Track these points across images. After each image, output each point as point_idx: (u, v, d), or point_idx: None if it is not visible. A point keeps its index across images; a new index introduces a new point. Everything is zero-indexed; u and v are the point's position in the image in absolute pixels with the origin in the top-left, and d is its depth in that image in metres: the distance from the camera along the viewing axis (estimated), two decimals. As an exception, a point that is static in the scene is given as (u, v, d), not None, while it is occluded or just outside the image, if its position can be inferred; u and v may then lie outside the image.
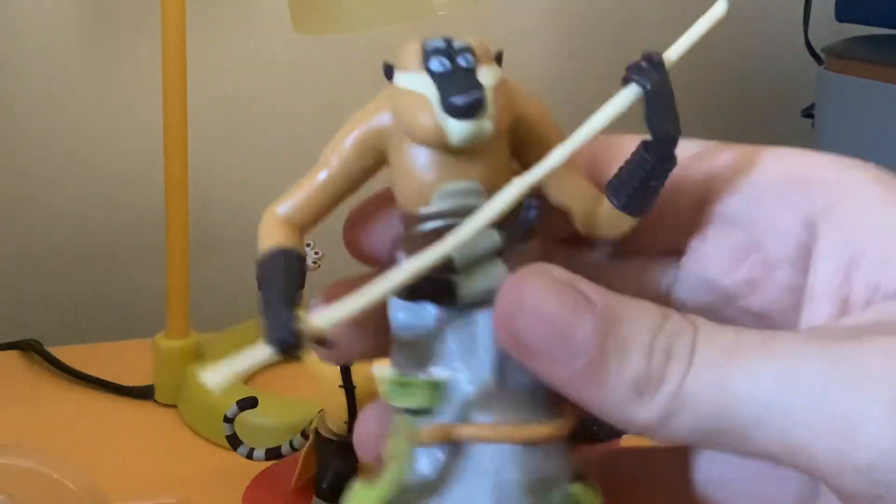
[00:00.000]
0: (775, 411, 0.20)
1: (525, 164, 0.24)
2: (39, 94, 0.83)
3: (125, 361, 0.71)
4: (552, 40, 0.95)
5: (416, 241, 0.23)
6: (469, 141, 0.22)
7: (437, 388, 0.23)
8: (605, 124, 0.23)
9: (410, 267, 0.22)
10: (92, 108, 0.84)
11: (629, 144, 0.24)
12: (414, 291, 0.23)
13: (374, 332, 0.25)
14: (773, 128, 1.05)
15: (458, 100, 0.22)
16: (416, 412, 0.23)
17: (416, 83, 0.23)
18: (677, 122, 0.23)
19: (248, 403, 0.54)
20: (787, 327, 0.24)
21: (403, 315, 0.24)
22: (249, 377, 0.71)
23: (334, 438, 0.51)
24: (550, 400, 0.24)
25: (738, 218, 0.25)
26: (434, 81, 0.23)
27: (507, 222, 0.23)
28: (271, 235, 0.25)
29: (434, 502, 0.23)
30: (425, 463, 0.23)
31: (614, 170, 0.24)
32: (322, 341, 0.23)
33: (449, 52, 0.23)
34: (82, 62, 0.83)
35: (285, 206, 0.25)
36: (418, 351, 0.24)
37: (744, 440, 0.21)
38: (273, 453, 0.55)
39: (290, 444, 0.55)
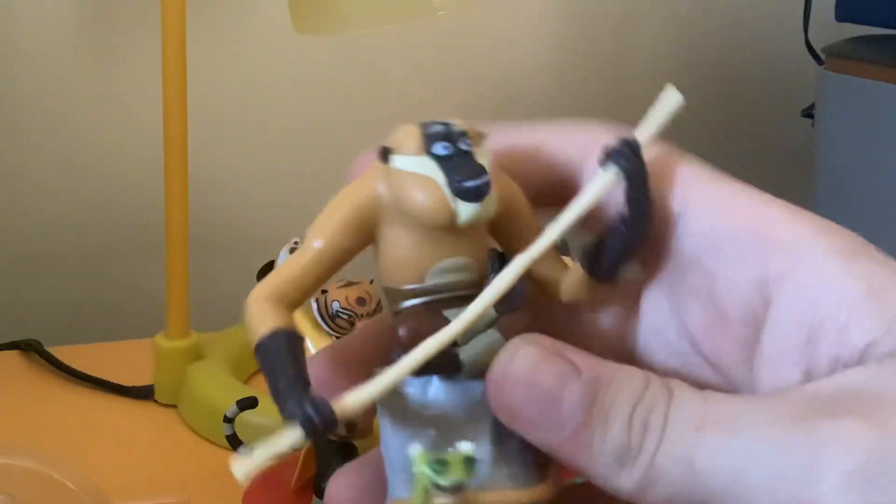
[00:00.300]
0: (738, 488, 0.21)
1: (500, 237, 0.26)
2: (39, 95, 0.83)
3: (125, 361, 0.71)
4: (552, 40, 0.95)
5: (414, 316, 0.25)
6: (476, 221, 0.24)
7: (471, 462, 0.24)
8: (589, 206, 0.25)
9: (426, 348, 0.24)
10: (92, 109, 0.84)
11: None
12: (421, 367, 0.24)
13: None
14: (773, 128, 1.05)
15: (470, 184, 0.23)
16: (450, 488, 0.23)
17: (420, 167, 0.24)
18: (652, 202, 0.25)
19: (248, 403, 0.54)
20: (744, 384, 0.25)
21: (412, 391, 0.25)
22: (249, 377, 0.71)
23: (334, 438, 0.51)
24: (543, 460, 0.25)
25: (694, 262, 0.25)
26: (440, 166, 0.24)
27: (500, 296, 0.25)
28: (265, 319, 0.25)
29: None
30: None
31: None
32: (352, 425, 0.25)
33: (450, 136, 0.24)
34: (82, 63, 0.83)
35: (273, 287, 0.25)
36: (433, 424, 0.25)
37: None
38: (273, 453, 0.55)
39: (291, 444, 0.54)
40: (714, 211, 0.25)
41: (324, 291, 0.50)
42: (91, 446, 0.63)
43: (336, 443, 0.51)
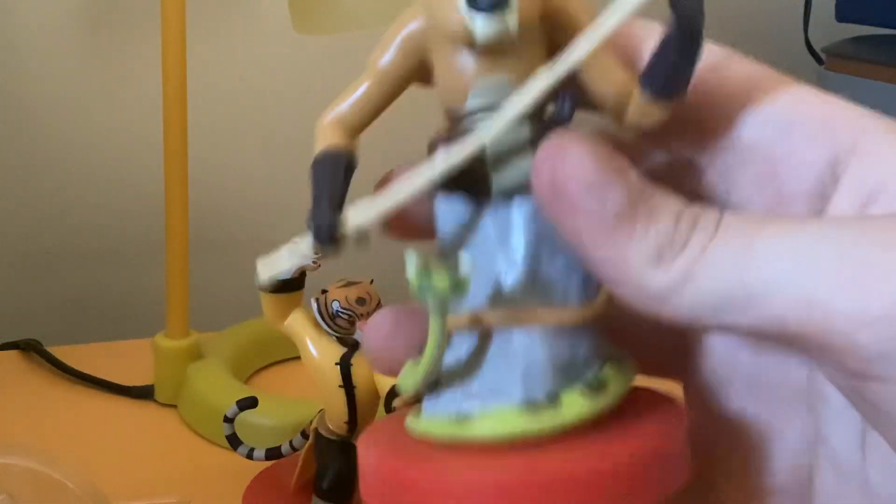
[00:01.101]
0: (799, 269, 0.21)
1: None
2: (40, 95, 0.83)
3: (125, 361, 0.71)
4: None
5: (452, 138, 0.24)
6: (493, 36, 0.23)
7: (456, 279, 0.23)
8: (636, 7, 0.24)
9: (445, 159, 0.23)
10: (92, 109, 0.84)
11: (655, 34, 0.25)
12: (449, 185, 0.24)
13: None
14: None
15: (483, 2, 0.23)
16: (442, 296, 0.23)
17: None
18: (702, 4, 0.24)
19: (248, 403, 0.54)
20: None
21: (441, 211, 0.25)
22: (249, 377, 0.71)
23: (334, 438, 0.51)
24: (581, 285, 0.24)
25: (758, 146, 0.25)
26: None
27: (540, 115, 0.24)
28: (325, 137, 0.26)
29: (465, 386, 0.24)
30: (459, 348, 0.24)
31: (645, 58, 0.24)
32: (363, 237, 0.25)
33: None
34: (82, 63, 0.83)
35: (337, 111, 0.27)
36: (459, 244, 0.25)
37: (756, 306, 0.21)
38: (273, 453, 0.55)
39: (290, 444, 0.55)
40: (782, 101, 0.25)
41: (324, 291, 0.50)
42: (91, 446, 0.63)
43: (336, 443, 0.51)
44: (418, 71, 0.26)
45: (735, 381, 0.25)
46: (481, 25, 0.23)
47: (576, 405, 0.23)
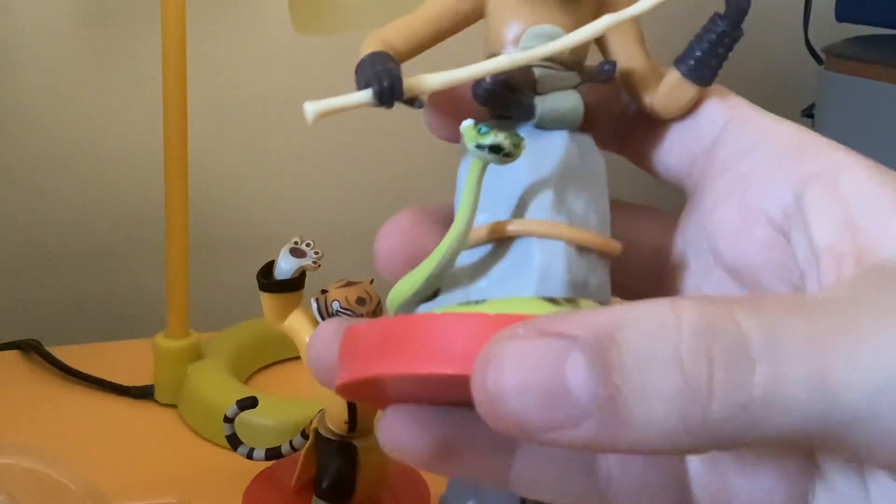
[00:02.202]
0: (887, 397, 0.18)
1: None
2: (39, 95, 0.83)
3: (125, 361, 0.71)
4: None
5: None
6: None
7: (516, 136, 0.24)
8: None
9: (509, 57, 0.25)
10: (92, 109, 0.84)
11: None
12: (498, 106, 0.26)
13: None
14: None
15: None
16: (489, 146, 0.23)
17: None
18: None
19: (248, 403, 0.54)
20: (764, 287, 0.24)
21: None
22: (249, 377, 0.71)
23: (334, 438, 0.51)
24: (600, 220, 0.25)
25: (729, 167, 0.25)
26: None
27: (586, 69, 0.26)
28: (369, 47, 0.26)
29: (474, 284, 0.24)
30: (469, 257, 0.24)
31: None
32: (414, 100, 0.26)
33: None
34: (82, 63, 0.83)
35: (387, 31, 0.27)
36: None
37: (846, 438, 0.18)
38: (273, 453, 0.55)
39: (290, 444, 0.55)
40: (754, 126, 0.25)
41: (324, 291, 0.50)
42: (91, 446, 0.63)
43: (336, 443, 0.51)
44: (470, 15, 0.27)
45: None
46: None
47: (594, 307, 0.23)
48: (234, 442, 0.55)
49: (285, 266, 0.50)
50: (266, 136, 0.89)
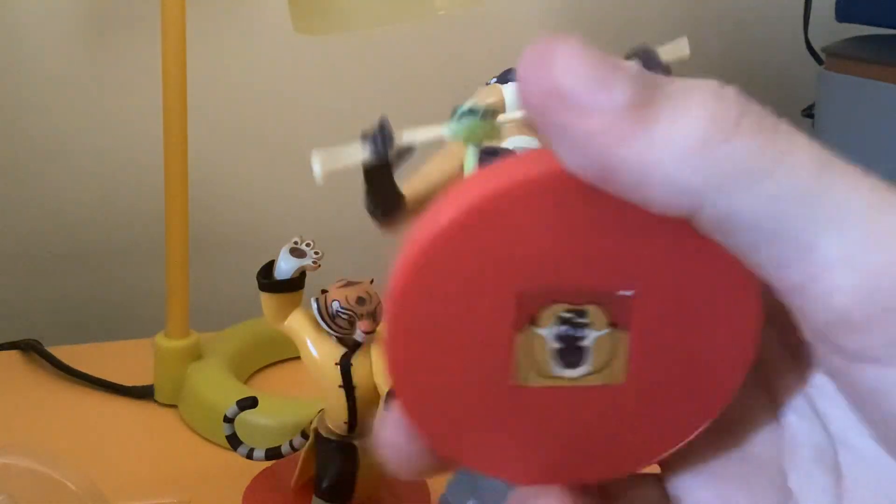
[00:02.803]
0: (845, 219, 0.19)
1: None
2: (39, 95, 0.83)
3: (125, 361, 0.71)
4: (552, 40, 0.95)
5: None
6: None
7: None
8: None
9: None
10: (92, 109, 0.84)
11: None
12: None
13: None
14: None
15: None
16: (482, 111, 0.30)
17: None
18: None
19: (248, 403, 0.54)
20: None
21: None
22: (249, 377, 0.71)
23: (334, 438, 0.51)
24: None
25: None
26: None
27: None
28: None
29: None
30: None
31: None
32: (406, 152, 0.32)
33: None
34: (82, 63, 0.83)
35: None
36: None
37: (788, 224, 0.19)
38: (273, 453, 0.55)
39: (290, 444, 0.55)
40: None
41: (324, 291, 0.50)
42: (91, 446, 0.63)
43: (336, 442, 0.51)
44: None
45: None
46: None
47: None
48: (234, 442, 0.55)
49: (285, 266, 0.50)
50: (266, 135, 0.89)
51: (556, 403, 0.22)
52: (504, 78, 0.37)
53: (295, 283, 0.50)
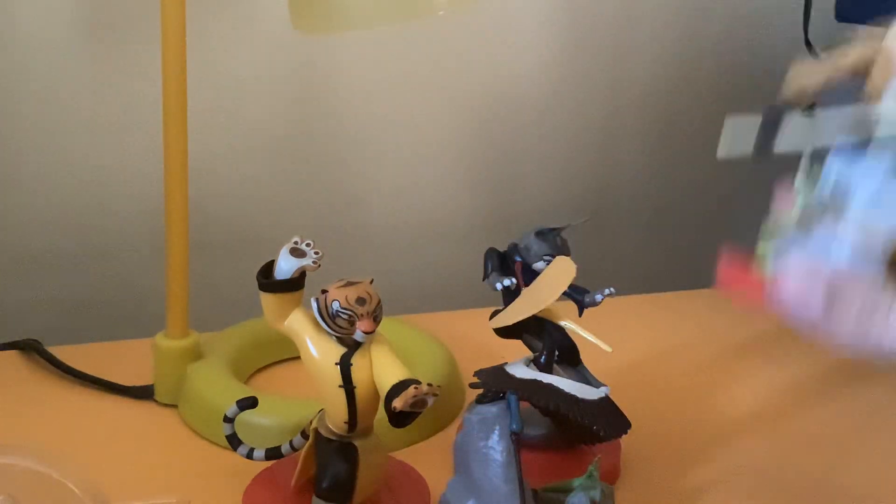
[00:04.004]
0: None
1: None
2: (39, 94, 0.83)
3: (125, 361, 0.71)
4: (551, 40, 0.95)
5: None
6: None
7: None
8: None
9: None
10: (92, 109, 0.84)
11: None
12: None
13: None
14: (773, 128, 1.05)
15: None
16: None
17: None
18: None
19: (248, 403, 0.54)
20: None
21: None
22: (249, 377, 0.71)
23: (334, 438, 0.51)
24: None
25: None
26: None
27: None
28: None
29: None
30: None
31: None
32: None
33: None
34: (82, 62, 0.83)
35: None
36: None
37: None
38: (273, 453, 0.55)
39: (290, 444, 0.55)
40: None
41: (324, 291, 0.50)
42: (91, 446, 0.63)
43: (336, 442, 0.51)
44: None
45: None
46: None
47: None
48: (234, 442, 0.55)
49: (285, 266, 0.50)
50: (266, 136, 0.89)
51: None
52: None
53: (295, 283, 0.50)
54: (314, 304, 0.50)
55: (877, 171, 0.41)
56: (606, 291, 0.56)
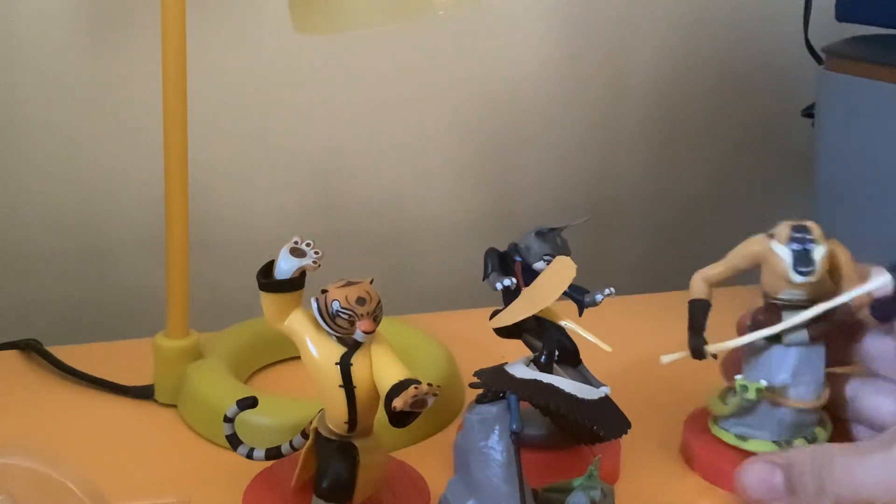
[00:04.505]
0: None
1: (833, 279, 0.55)
2: (38, 95, 0.83)
3: (125, 361, 0.71)
4: (552, 40, 0.95)
5: (772, 310, 0.55)
6: (804, 284, 0.54)
7: (760, 389, 0.56)
8: (862, 293, 0.53)
9: (780, 326, 0.55)
10: (91, 108, 0.84)
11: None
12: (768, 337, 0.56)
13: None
14: (773, 128, 1.05)
15: (801, 271, 0.53)
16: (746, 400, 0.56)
17: (782, 252, 0.54)
18: None
19: (248, 403, 0.54)
20: None
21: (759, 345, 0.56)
22: (249, 377, 0.71)
23: (334, 438, 0.51)
24: (815, 391, 0.56)
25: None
26: (791, 255, 0.53)
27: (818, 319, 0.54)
28: (699, 290, 0.57)
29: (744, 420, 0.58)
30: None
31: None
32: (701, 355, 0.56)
33: (803, 239, 0.53)
34: (82, 62, 0.83)
35: (705, 274, 0.57)
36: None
37: None
38: (273, 453, 0.55)
39: (290, 444, 0.55)
40: None
41: (324, 291, 0.50)
42: (91, 446, 0.63)
43: (336, 442, 0.51)
44: (750, 268, 0.55)
45: None
46: (797, 279, 0.53)
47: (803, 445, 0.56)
48: (234, 442, 0.55)
49: (285, 266, 0.50)
50: (266, 135, 0.89)
51: None
52: None
53: (295, 283, 0.50)
54: (314, 304, 0.50)
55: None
56: (606, 291, 0.56)
